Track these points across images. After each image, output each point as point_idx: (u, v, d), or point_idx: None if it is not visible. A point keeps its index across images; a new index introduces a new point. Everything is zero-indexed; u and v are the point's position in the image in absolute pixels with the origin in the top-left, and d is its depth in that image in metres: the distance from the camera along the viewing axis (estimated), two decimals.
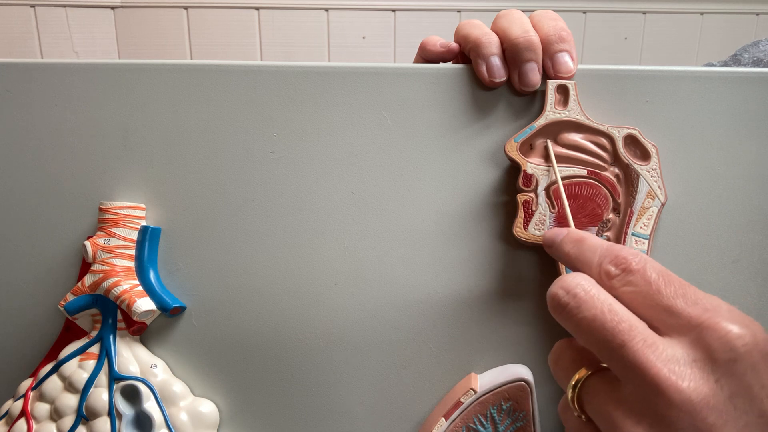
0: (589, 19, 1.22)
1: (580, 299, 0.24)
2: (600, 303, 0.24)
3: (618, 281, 0.25)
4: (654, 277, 0.24)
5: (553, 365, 0.27)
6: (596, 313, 0.24)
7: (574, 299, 0.24)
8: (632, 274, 0.25)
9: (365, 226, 0.35)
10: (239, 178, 0.35)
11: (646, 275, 0.24)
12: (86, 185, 0.36)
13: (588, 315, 0.24)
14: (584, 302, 0.24)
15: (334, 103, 0.35)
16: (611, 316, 0.23)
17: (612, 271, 0.25)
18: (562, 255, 0.29)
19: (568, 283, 0.25)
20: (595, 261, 0.26)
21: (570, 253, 0.28)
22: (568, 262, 0.28)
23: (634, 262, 0.25)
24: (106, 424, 0.34)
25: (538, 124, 0.33)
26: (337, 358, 0.36)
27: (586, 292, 0.24)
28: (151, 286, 0.35)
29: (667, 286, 0.24)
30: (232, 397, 0.36)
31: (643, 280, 0.24)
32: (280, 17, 1.18)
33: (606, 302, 0.24)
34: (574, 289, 0.25)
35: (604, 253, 0.26)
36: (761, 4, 1.24)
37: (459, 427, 0.34)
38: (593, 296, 0.24)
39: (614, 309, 0.24)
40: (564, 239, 0.29)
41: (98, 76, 0.35)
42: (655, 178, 0.33)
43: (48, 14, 1.13)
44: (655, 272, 0.24)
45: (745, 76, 0.33)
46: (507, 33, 0.33)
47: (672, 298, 0.24)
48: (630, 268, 0.25)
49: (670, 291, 0.24)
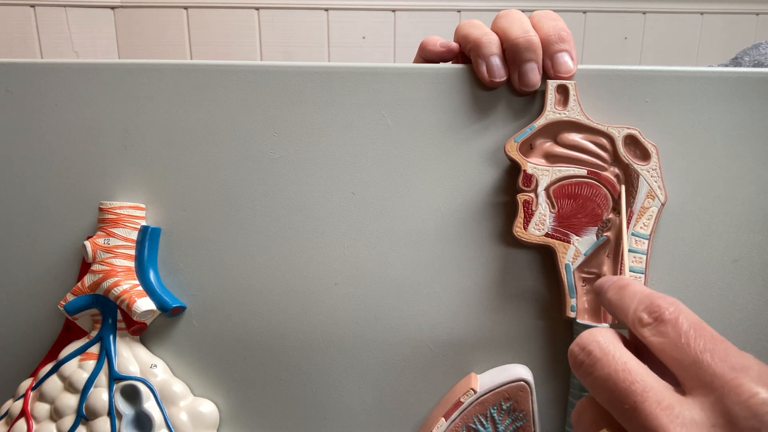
0: (589, 19, 1.22)
1: (595, 357, 0.23)
2: (615, 361, 0.23)
3: (649, 330, 0.24)
4: (685, 328, 0.23)
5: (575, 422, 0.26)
6: (610, 372, 0.23)
7: (588, 357, 0.24)
8: (664, 324, 0.24)
9: (365, 226, 0.35)
10: (239, 178, 0.35)
11: (677, 325, 0.23)
12: (86, 185, 0.36)
13: (602, 374, 0.23)
14: (598, 360, 0.23)
15: (334, 103, 0.35)
16: (624, 376, 0.22)
17: (644, 319, 0.24)
18: (605, 302, 0.27)
19: (584, 339, 0.24)
20: (632, 308, 0.25)
21: (612, 299, 0.27)
22: (610, 310, 0.27)
23: (668, 312, 0.24)
24: (106, 424, 0.34)
25: (538, 124, 0.33)
26: (337, 358, 0.36)
27: (602, 349, 0.23)
28: (151, 286, 0.35)
29: (697, 338, 0.23)
30: (232, 397, 0.36)
31: (673, 330, 0.23)
32: (280, 17, 1.18)
33: (621, 360, 0.23)
34: (589, 346, 0.24)
35: (641, 300, 0.25)
36: (761, 4, 1.24)
37: (459, 427, 0.34)
38: (608, 353, 0.23)
39: (629, 368, 0.23)
40: (610, 286, 0.27)
41: (98, 76, 0.35)
42: (655, 178, 0.33)
43: (48, 14, 1.13)
44: (687, 323, 0.23)
45: (745, 76, 0.33)
46: (507, 33, 0.33)
47: (700, 351, 0.22)
48: (662, 318, 0.24)
49: (699, 344, 0.22)
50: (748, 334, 0.34)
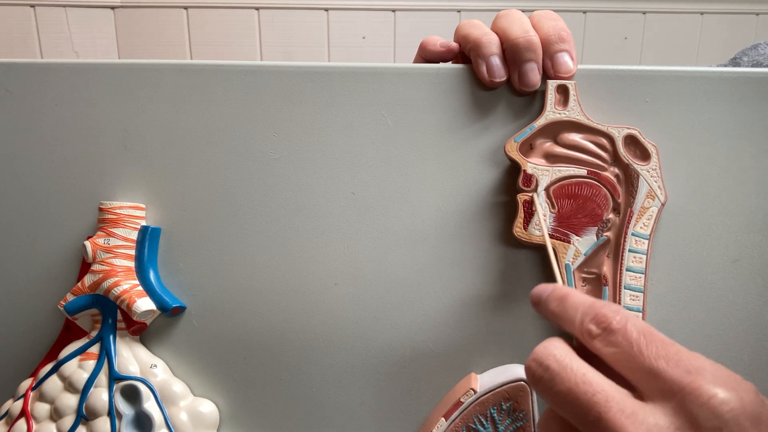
0: (589, 19, 1.22)
1: (553, 372, 0.23)
2: (573, 374, 0.23)
3: (599, 341, 0.24)
4: (635, 336, 0.23)
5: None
6: (570, 385, 0.23)
7: (546, 372, 0.23)
8: (613, 334, 0.23)
9: (365, 226, 0.35)
10: (239, 178, 0.35)
11: (627, 334, 0.23)
12: (86, 185, 0.36)
13: (562, 388, 0.23)
14: (557, 374, 0.23)
15: (334, 103, 0.35)
16: (585, 388, 0.22)
17: (593, 331, 0.24)
18: (547, 313, 0.27)
19: (539, 354, 0.24)
20: (577, 319, 0.25)
21: (554, 311, 0.26)
22: (553, 321, 0.27)
23: (615, 321, 0.24)
24: (106, 424, 0.34)
25: (538, 124, 0.33)
26: (337, 358, 0.36)
27: (559, 363, 0.23)
28: (151, 286, 0.35)
29: (648, 346, 0.23)
30: (232, 397, 0.36)
31: (624, 339, 0.23)
32: (280, 17, 1.18)
33: (579, 372, 0.23)
34: (546, 361, 0.24)
35: (585, 311, 0.25)
36: (761, 4, 1.24)
37: (459, 427, 0.34)
38: (566, 367, 0.23)
39: (588, 379, 0.23)
40: (549, 297, 0.27)
41: (98, 76, 0.35)
42: (655, 178, 0.33)
43: (48, 14, 1.13)
44: (636, 331, 0.23)
45: (745, 76, 0.33)
46: (507, 33, 0.33)
47: (654, 359, 0.22)
48: (611, 327, 0.24)
49: (651, 351, 0.23)
50: (748, 334, 0.34)
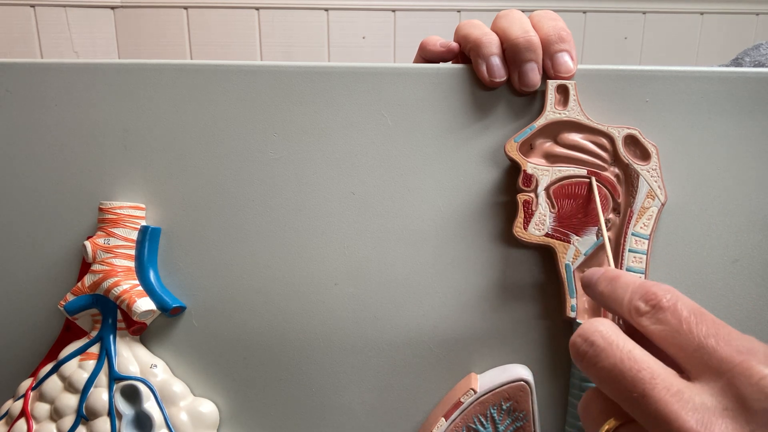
0: (589, 19, 1.22)
1: (598, 347, 0.23)
2: (619, 350, 0.22)
3: (647, 318, 0.23)
4: (685, 314, 0.23)
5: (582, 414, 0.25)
6: (615, 361, 0.22)
7: (591, 347, 0.23)
8: (662, 312, 0.23)
9: (365, 226, 0.35)
10: (239, 178, 0.35)
11: (677, 312, 0.23)
12: (86, 185, 0.36)
13: (606, 364, 0.22)
14: (602, 350, 0.23)
15: (334, 103, 0.35)
16: (630, 364, 0.22)
17: (641, 308, 0.24)
18: (597, 295, 0.27)
19: (585, 330, 0.24)
20: (626, 298, 0.25)
21: (604, 292, 0.26)
22: (602, 302, 0.26)
23: (665, 299, 0.23)
24: (106, 424, 0.34)
25: (538, 124, 0.33)
26: (337, 358, 0.36)
27: (605, 339, 0.23)
28: (151, 286, 0.35)
29: (699, 324, 0.22)
30: (232, 397, 0.36)
31: (673, 317, 0.23)
32: (280, 17, 1.18)
33: (625, 349, 0.22)
34: (591, 336, 0.23)
35: (635, 289, 0.24)
36: (761, 4, 1.24)
37: (459, 427, 0.34)
38: (612, 343, 0.23)
39: (634, 356, 0.22)
40: (599, 279, 0.27)
41: (98, 76, 0.35)
42: (655, 178, 0.33)
43: (48, 14, 1.13)
44: (686, 310, 0.23)
45: (745, 76, 0.33)
46: (507, 33, 0.33)
47: (704, 337, 0.22)
48: (660, 305, 0.23)
49: (701, 330, 0.22)
50: (748, 334, 0.34)
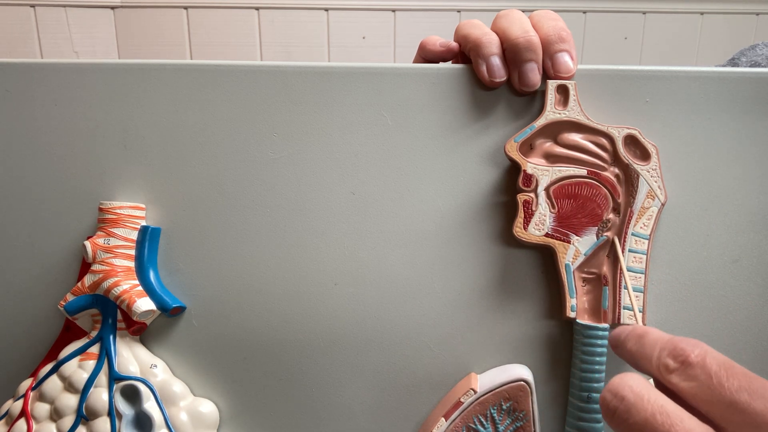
0: (589, 19, 1.22)
1: (629, 403, 0.22)
2: (650, 405, 0.22)
3: (677, 376, 0.23)
4: (715, 369, 0.22)
5: None
6: (647, 416, 0.22)
7: (622, 403, 0.22)
8: (691, 368, 0.22)
9: (365, 226, 0.35)
10: (239, 178, 0.35)
11: (706, 367, 0.22)
12: (86, 185, 0.36)
13: (639, 419, 0.22)
14: (633, 406, 0.22)
15: (334, 103, 0.35)
16: (663, 419, 0.21)
17: (670, 365, 0.23)
18: (625, 354, 0.26)
19: (615, 385, 0.23)
20: (654, 355, 0.24)
21: (632, 350, 0.26)
22: (632, 361, 0.26)
23: (693, 354, 0.23)
24: (106, 424, 0.34)
25: (538, 124, 0.33)
26: (338, 358, 0.36)
27: (635, 394, 0.22)
28: (151, 286, 0.35)
29: (730, 378, 0.22)
30: (232, 397, 0.36)
31: (703, 372, 0.22)
32: (280, 17, 1.18)
33: (657, 404, 0.22)
34: (622, 392, 0.23)
35: (663, 346, 0.24)
36: (761, 4, 1.24)
37: (459, 427, 0.34)
38: (642, 398, 0.22)
39: (666, 411, 0.22)
40: (627, 337, 0.26)
41: (98, 76, 0.35)
42: (655, 178, 0.33)
43: (48, 14, 1.13)
44: (716, 364, 0.22)
45: (745, 76, 0.33)
46: (507, 33, 0.33)
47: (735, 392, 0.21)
48: (689, 361, 0.23)
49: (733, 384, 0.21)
50: (748, 334, 0.34)
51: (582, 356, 0.33)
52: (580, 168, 0.33)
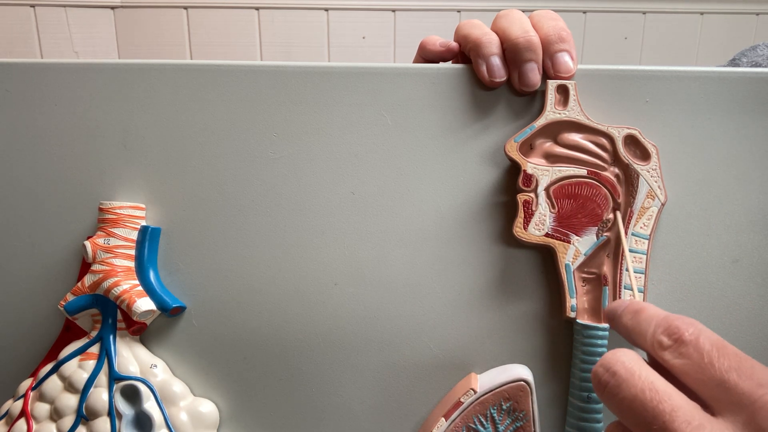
0: (589, 19, 1.22)
1: (620, 377, 0.23)
2: (641, 381, 0.22)
3: (670, 353, 0.23)
4: (707, 348, 0.23)
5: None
6: (636, 392, 0.22)
7: (613, 377, 0.23)
8: (684, 345, 0.23)
9: (365, 226, 0.35)
10: (239, 178, 0.35)
11: (699, 346, 0.23)
12: (86, 185, 0.36)
13: (628, 394, 0.22)
14: (624, 381, 0.23)
15: (334, 103, 0.35)
16: (652, 395, 0.22)
17: (664, 342, 0.24)
18: (621, 328, 0.27)
19: (608, 360, 0.24)
20: (650, 332, 0.25)
21: (627, 324, 0.26)
22: (627, 336, 0.26)
23: (687, 333, 0.23)
24: (106, 424, 0.34)
25: (538, 124, 0.33)
26: (338, 358, 0.36)
27: (626, 369, 0.23)
28: (151, 286, 0.35)
29: (720, 358, 0.22)
30: (232, 397, 0.36)
31: (695, 351, 0.23)
32: (280, 17, 1.18)
33: (648, 380, 0.22)
34: (614, 366, 0.23)
35: (659, 323, 0.24)
36: (761, 4, 1.24)
37: (459, 427, 0.34)
38: (634, 373, 0.23)
39: (656, 387, 0.22)
40: (624, 311, 0.27)
41: (98, 76, 0.35)
42: (655, 178, 0.33)
43: (48, 14, 1.13)
44: (709, 343, 0.23)
45: (745, 76, 0.33)
46: (507, 33, 0.33)
47: (725, 371, 0.22)
48: (682, 339, 0.23)
49: (723, 363, 0.22)
50: (748, 334, 0.34)
51: (582, 356, 0.33)
52: (580, 168, 0.33)
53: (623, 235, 0.33)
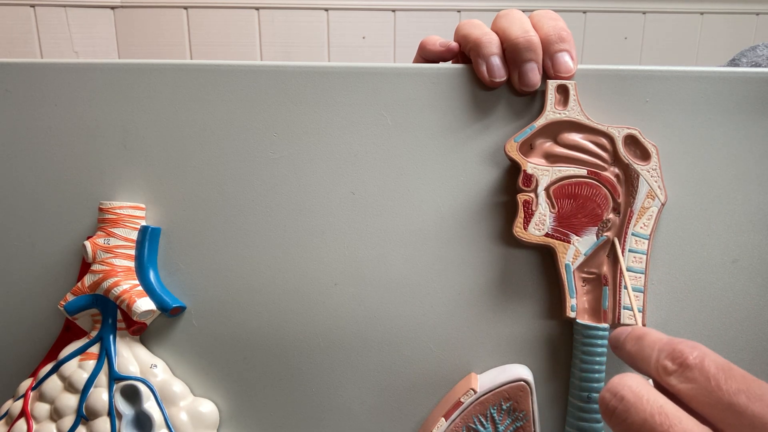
0: (589, 19, 1.22)
1: (628, 402, 0.22)
2: (649, 405, 0.22)
3: (675, 377, 0.23)
4: (713, 371, 0.22)
5: None
6: (645, 416, 0.22)
7: (621, 403, 0.23)
8: (690, 370, 0.23)
9: (365, 226, 0.35)
10: (239, 178, 0.35)
11: (704, 369, 0.22)
12: (86, 185, 0.36)
13: (637, 419, 0.22)
14: (632, 405, 0.22)
15: (334, 103, 0.35)
16: (662, 420, 0.21)
17: (669, 367, 0.23)
18: (624, 355, 0.26)
19: (614, 385, 0.23)
20: (653, 357, 0.24)
21: (631, 351, 0.26)
22: (630, 362, 0.26)
23: (692, 357, 0.23)
24: (106, 424, 0.34)
25: (538, 124, 0.33)
26: (337, 358, 0.36)
27: (634, 394, 0.22)
28: (151, 286, 0.35)
29: (728, 380, 0.22)
30: (232, 397, 0.36)
31: (701, 375, 0.22)
32: (280, 17, 1.18)
33: (656, 404, 0.22)
34: (621, 391, 0.23)
35: (662, 348, 0.24)
36: (761, 4, 1.24)
37: (459, 427, 0.34)
38: (642, 398, 0.22)
39: (665, 411, 0.22)
40: (626, 338, 0.26)
41: (98, 76, 0.35)
42: (655, 178, 0.33)
43: (48, 14, 1.13)
44: (714, 366, 0.22)
45: (745, 76, 0.33)
46: (507, 33, 0.33)
47: (734, 394, 0.21)
48: (687, 363, 0.23)
49: (731, 386, 0.21)
50: (748, 334, 0.34)
51: (582, 356, 0.33)
52: (580, 168, 0.33)
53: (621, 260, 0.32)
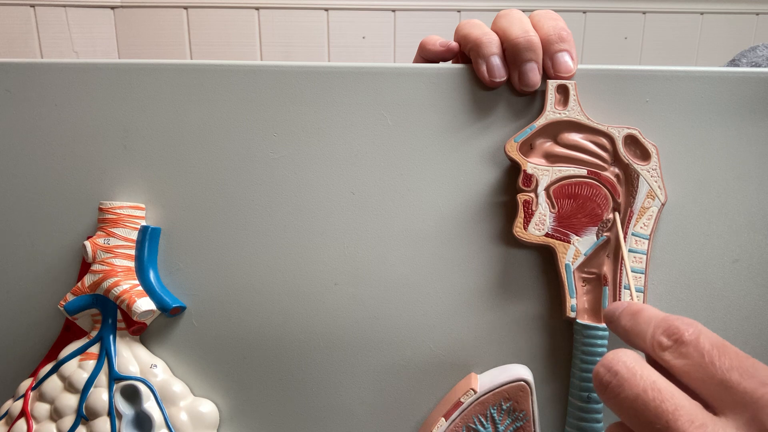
0: (589, 19, 1.22)
1: (622, 377, 0.23)
2: (642, 381, 0.22)
3: (670, 353, 0.23)
4: (707, 348, 0.22)
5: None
6: (638, 392, 0.22)
7: (615, 377, 0.23)
8: (685, 346, 0.23)
9: (365, 226, 0.35)
10: (239, 178, 0.35)
11: (699, 346, 0.23)
12: (86, 185, 0.36)
13: (630, 394, 0.22)
14: (626, 380, 0.23)
15: (334, 103, 0.35)
16: (654, 395, 0.22)
17: (664, 342, 0.24)
18: (619, 330, 0.27)
19: (609, 360, 0.24)
20: (649, 333, 0.24)
21: (626, 326, 0.26)
22: (625, 338, 0.26)
23: (687, 333, 0.23)
24: (106, 424, 0.34)
25: (538, 124, 0.33)
26: (337, 358, 0.36)
27: (628, 369, 0.23)
28: (151, 286, 0.35)
29: (721, 357, 0.22)
30: (232, 397, 0.36)
31: (696, 351, 0.23)
32: (280, 17, 1.18)
33: (649, 379, 0.22)
34: (615, 366, 0.23)
35: (658, 324, 0.24)
36: (761, 4, 1.24)
37: (459, 427, 0.34)
38: (635, 373, 0.23)
39: (658, 387, 0.22)
40: (622, 313, 0.27)
41: (98, 76, 0.35)
42: (655, 178, 0.33)
43: (48, 14, 1.13)
44: (709, 343, 0.23)
45: (745, 76, 0.33)
46: (507, 33, 0.33)
47: (726, 370, 0.22)
48: (682, 339, 0.23)
49: (724, 363, 0.22)
50: (748, 334, 0.34)
51: (582, 356, 0.33)
52: (580, 168, 0.33)
53: (621, 236, 0.33)
